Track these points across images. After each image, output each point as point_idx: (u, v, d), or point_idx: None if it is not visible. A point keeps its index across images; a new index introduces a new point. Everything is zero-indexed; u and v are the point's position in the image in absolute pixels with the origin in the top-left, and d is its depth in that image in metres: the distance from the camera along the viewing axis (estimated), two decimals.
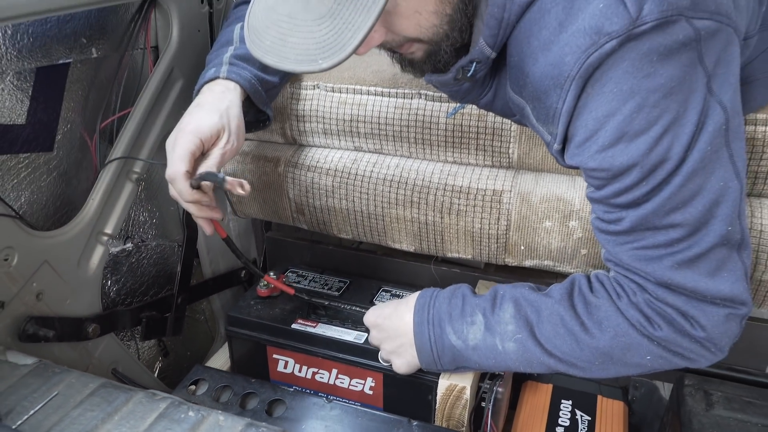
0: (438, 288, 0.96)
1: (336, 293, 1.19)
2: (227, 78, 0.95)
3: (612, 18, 0.68)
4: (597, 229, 0.85)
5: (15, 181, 0.99)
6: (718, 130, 0.74)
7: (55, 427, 0.72)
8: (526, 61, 0.77)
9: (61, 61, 1.03)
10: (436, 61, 0.83)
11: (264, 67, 0.99)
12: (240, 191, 0.85)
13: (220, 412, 0.75)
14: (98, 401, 0.76)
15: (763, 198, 0.98)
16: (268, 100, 1.00)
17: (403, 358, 0.97)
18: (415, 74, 0.87)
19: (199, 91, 0.96)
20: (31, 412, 0.74)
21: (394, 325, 0.97)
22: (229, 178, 0.84)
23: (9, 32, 0.94)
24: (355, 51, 0.68)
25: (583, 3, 0.71)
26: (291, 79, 1.16)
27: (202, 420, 0.73)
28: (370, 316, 1.02)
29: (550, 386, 1.24)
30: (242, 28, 0.96)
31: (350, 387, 1.08)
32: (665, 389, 1.24)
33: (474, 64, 0.81)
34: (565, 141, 0.80)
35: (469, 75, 0.82)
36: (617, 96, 0.72)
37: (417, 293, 0.97)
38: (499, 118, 1.04)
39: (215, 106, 0.91)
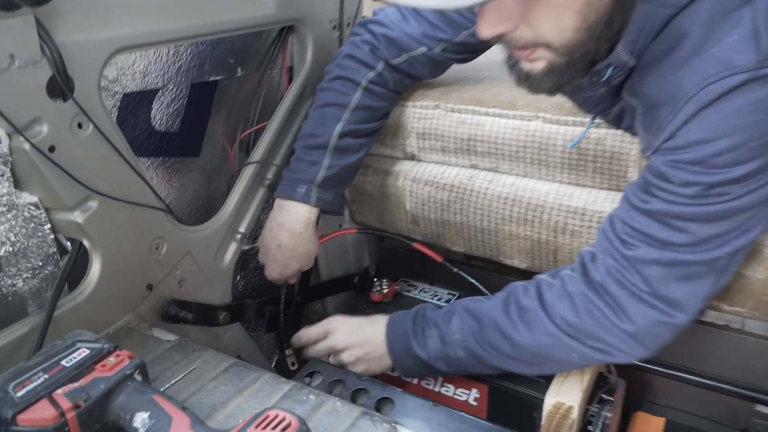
0: (406, 310, 1.05)
1: (445, 305, 1.21)
2: (315, 205, 1.10)
3: (742, 53, 0.67)
4: (625, 195, 0.85)
5: (166, 180, 1.10)
6: None
7: (193, 396, 0.78)
8: (653, 71, 0.76)
9: (211, 79, 1.14)
10: (559, 75, 0.76)
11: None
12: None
13: (337, 398, 0.79)
14: (230, 377, 0.83)
15: None
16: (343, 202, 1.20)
17: (366, 364, 1.06)
18: (531, 90, 0.81)
19: (286, 198, 1.11)
20: (173, 381, 0.81)
21: (366, 335, 1.06)
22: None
23: (171, 52, 1.05)
24: None
25: (719, 32, 0.69)
26: (413, 98, 1.21)
27: (321, 404, 0.77)
28: (339, 321, 1.11)
29: (663, 420, 1.20)
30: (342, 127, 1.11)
31: (455, 396, 1.10)
32: None
33: (610, 69, 0.78)
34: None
35: (603, 80, 0.80)
36: (718, 129, 0.71)
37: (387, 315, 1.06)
38: (618, 143, 1.03)
39: (304, 237, 1.13)
